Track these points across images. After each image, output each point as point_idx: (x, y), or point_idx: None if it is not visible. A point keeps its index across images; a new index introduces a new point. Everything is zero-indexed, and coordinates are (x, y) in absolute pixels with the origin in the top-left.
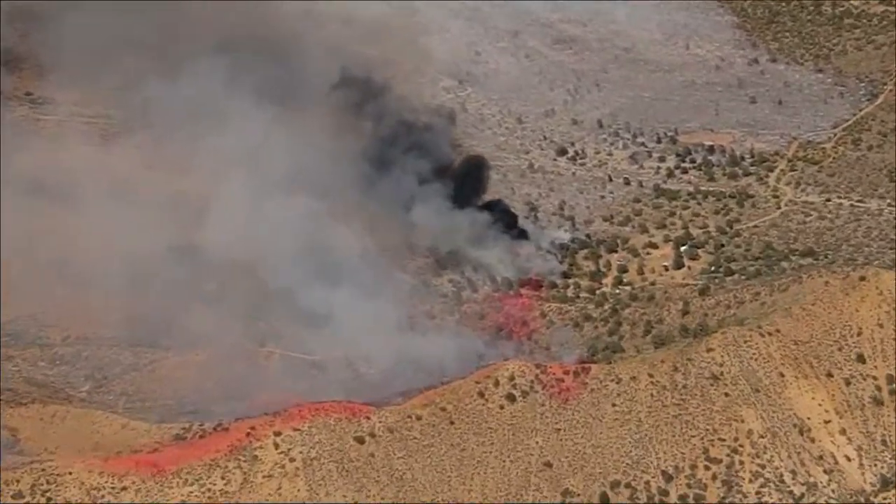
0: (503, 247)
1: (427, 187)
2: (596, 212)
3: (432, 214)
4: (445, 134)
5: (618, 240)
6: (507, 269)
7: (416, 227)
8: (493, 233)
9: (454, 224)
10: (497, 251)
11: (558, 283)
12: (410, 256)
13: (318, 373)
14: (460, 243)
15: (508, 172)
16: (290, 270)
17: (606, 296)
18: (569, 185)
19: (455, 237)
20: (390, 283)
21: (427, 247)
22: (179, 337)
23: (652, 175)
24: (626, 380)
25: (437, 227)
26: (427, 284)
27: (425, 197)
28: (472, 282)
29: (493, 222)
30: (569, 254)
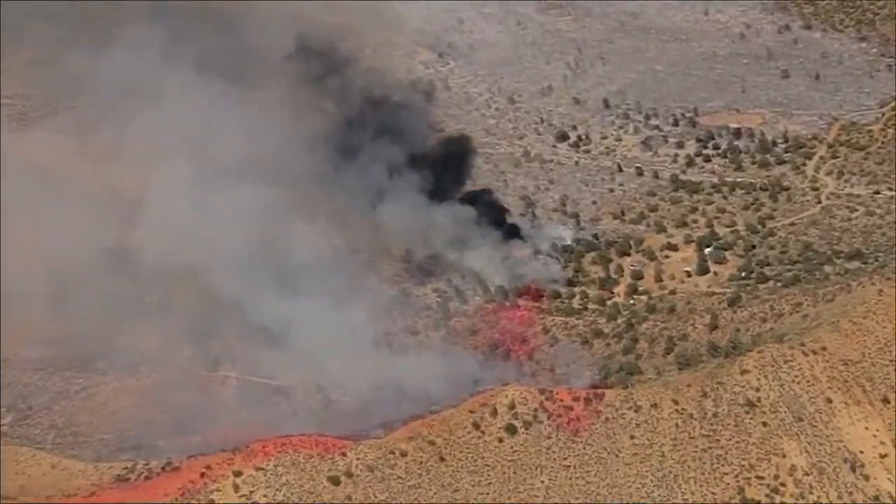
0: (492, 248)
1: (401, 178)
2: (604, 208)
3: (406, 211)
4: (423, 115)
5: (630, 241)
6: (501, 275)
7: (390, 225)
8: (480, 231)
9: (432, 221)
10: (485, 254)
11: (562, 293)
12: (386, 261)
13: (283, 400)
14: (441, 245)
15: (500, 161)
16: (244, 278)
17: (619, 307)
18: (571, 175)
19: (435, 237)
20: (363, 292)
21: (404, 249)
22: (117, 358)
23: (668, 164)
24: (645, 407)
25: (412, 226)
26: (407, 294)
27: (398, 190)
28: (460, 291)
29: (478, 218)
30: (573, 257)
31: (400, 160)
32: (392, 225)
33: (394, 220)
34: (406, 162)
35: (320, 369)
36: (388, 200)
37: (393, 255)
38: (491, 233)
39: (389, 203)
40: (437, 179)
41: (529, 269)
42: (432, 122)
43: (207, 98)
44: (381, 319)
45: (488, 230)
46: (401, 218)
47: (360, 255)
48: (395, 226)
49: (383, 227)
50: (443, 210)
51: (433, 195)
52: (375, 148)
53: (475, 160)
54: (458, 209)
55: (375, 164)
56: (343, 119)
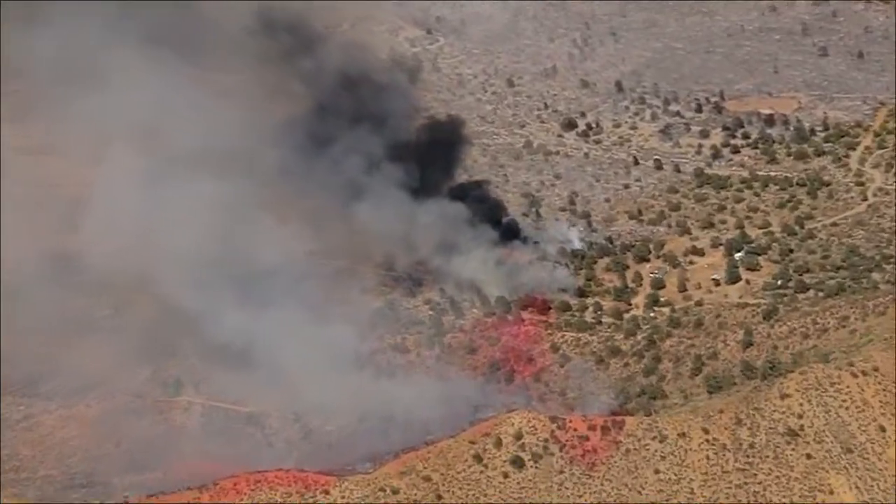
0: (491, 253)
1: (382, 171)
2: (618, 206)
3: (389, 209)
4: (407, 99)
5: (649, 245)
6: (502, 284)
7: (370, 226)
8: (475, 233)
9: (419, 221)
10: (483, 260)
11: (572, 305)
12: (367, 267)
13: (256, 430)
14: (430, 249)
15: (498, 153)
16: (205, 287)
17: (638, 321)
18: (580, 170)
19: (423, 240)
20: (343, 304)
21: (388, 254)
22: (63, 382)
23: (692, 156)
24: (672, 437)
25: (396, 227)
26: (394, 307)
27: (379, 185)
28: (455, 303)
29: (473, 218)
30: (584, 264)
31: (381, 151)
32: (373, 226)
33: (375, 221)
34: (388, 153)
35: (297, 394)
36: (368, 197)
37: (375, 260)
38: (488, 235)
39: (369, 200)
40: (424, 173)
41: (534, 278)
42: (418, 107)
43: (159, 79)
44: (366, 336)
45: (485, 231)
46: (383, 218)
47: (338, 261)
48: (376, 227)
49: (363, 228)
50: (431, 208)
51: (420, 191)
52: (353, 137)
53: (469, 151)
54: (449, 207)
55: (353, 156)
56: (315, 104)
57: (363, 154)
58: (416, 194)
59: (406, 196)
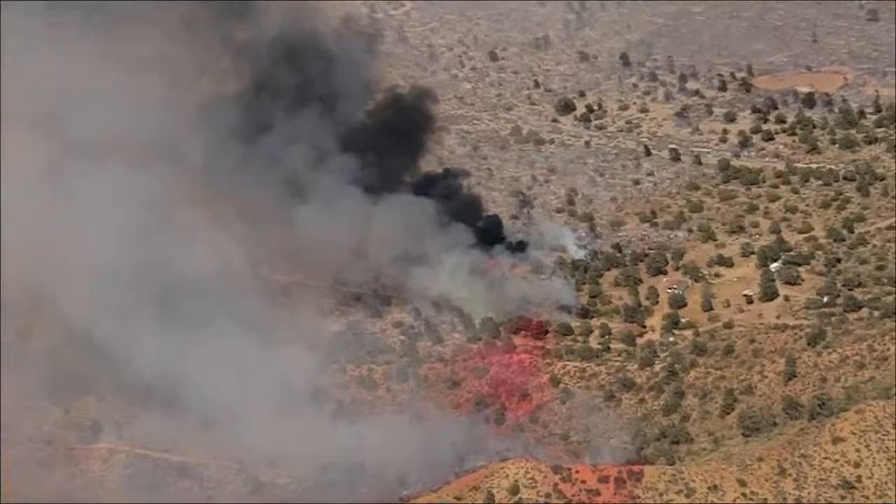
0: (471, 263)
1: (332, 163)
2: (628, 207)
3: (344, 209)
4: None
5: (666, 253)
6: (489, 303)
7: (322, 231)
8: (446, 237)
9: (376, 223)
10: (456, 269)
11: (574, 327)
12: (321, 282)
13: (193, 484)
14: (390, 258)
15: (480, 142)
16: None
17: (655, 348)
18: (580, 162)
19: (382, 247)
20: (295, 328)
21: (346, 265)
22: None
23: (715, 144)
24: (701, 490)
25: (350, 231)
26: (357, 332)
27: (330, 179)
28: (431, 326)
29: (443, 217)
30: (588, 277)
31: (331, 138)
32: (323, 231)
33: (325, 225)
34: (340, 141)
35: (241, 439)
36: (316, 196)
37: (331, 273)
38: (464, 239)
39: (318, 199)
40: (383, 164)
41: (527, 295)
42: (378, 85)
43: (61, 52)
44: (323, 367)
45: (460, 235)
46: (334, 220)
47: (286, 274)
48: (326, 232)
49: (313, 233)
50: (393, 207)
51: (379, 187)
52: (297, 121)
53: (443, 138)
54: (415, 205)
55: (297, 145)
56: (251, 81)
57: (309, 142)
58: (374, 191)
59: (362, 193)
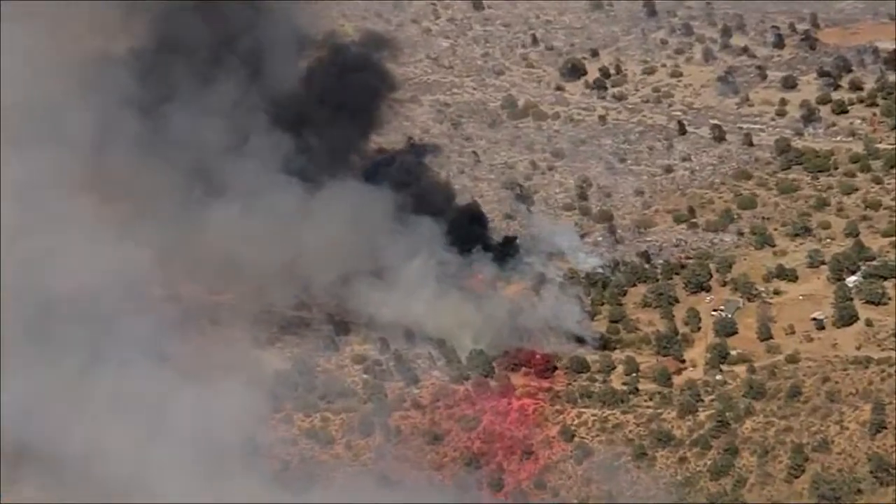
0: (450, 276)
1: (256, 142)
2: (657, 202)
3: (266, 205)
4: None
5: (710, 263)
6: (477, 330)
7: (251, 235)
8: (412, 238)
9: (315, 220)
10: (426, 282)
11: (590, 362)
12: (260, 303)
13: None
14: (337, 270)
15: (462, 116)
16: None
17: (699, 389)
18: (595, 142)
19: (325, 253)
20: (224, 366)
21: (286, 281)
22: None
23: (771, 119)
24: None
25: (282, 233)
26: (306, 369)
27: (251, 165)
28: (403, 361)
29: (405, 211)
30: (608, 295)
31: (256, 111)
32: (249, 234)
33: (251, 226)
34: (268, 113)
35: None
36: (238, 187)
37: (268, 292)
38: (436, 240)
39: (240, 192)
40: (324, 142)
41: (529, 319)
42: (317, 39)
43: None
44: (263, 417)
45: (430, 234)
46: (264, 220)
47: (208, 293)
48: (253, 235)
49: (234, 237)
50: (336, 199)
51: (319, 173)
52: (210, 89)
53: (412, 112)
54: (365, 196)
55: (210, 120)
56: (151, 36)
57: (227, 116)
58: (313, 181)
59: (297, 184)
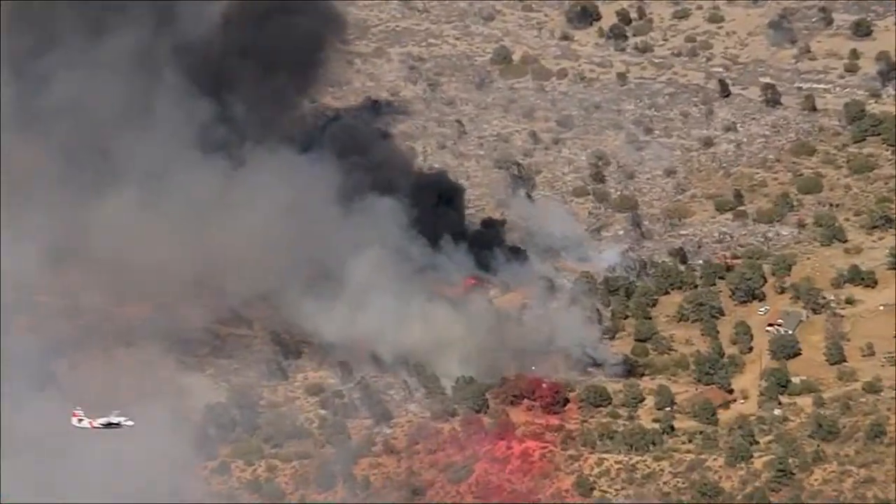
0: (411, 273)
1: (161, 108)
2: (694, 184)
3: (177, 188)
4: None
5: (761, 262)
6: (464, 352)
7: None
8: (369, 226)
9: (236, 208)
10: (397, 287)
11: (610, 391)
12: (186, 315)
13: None
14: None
15: (443, 75)
16: None
17: (752, 428)
18: (613, 108)
19: (253, 248)
20: (140, 396)
21: (220, 291)
22: None
23: (839, 76)
24: None
25: (200, 224)
26: (247, 402)
27: (153, 137)
28: (372, 392)
29: (357, 192)
30: (633, 306)
31: (161, 67)
32: (163, 229)
33: (164, 218)
34: (180, 70)
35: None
36: (139, 166)
37: (190, 302)
38: (400, 232)
39: (141, 172)
40: (251, 104)
41: (530, 336)
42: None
43: None
44: (191, 464)
45: (402, 227)
46: (175, 208)
47: (106, 305)
48: (169, 230)
49: (143, 233)
50: (265, 175)
51: (242, 143)
52: (102, 40)
53: (376, 68)
54: (304, 171)
55: (98, 81)
56: None
57: (124, 74)
58: (235, 154)
59: (217, 159)
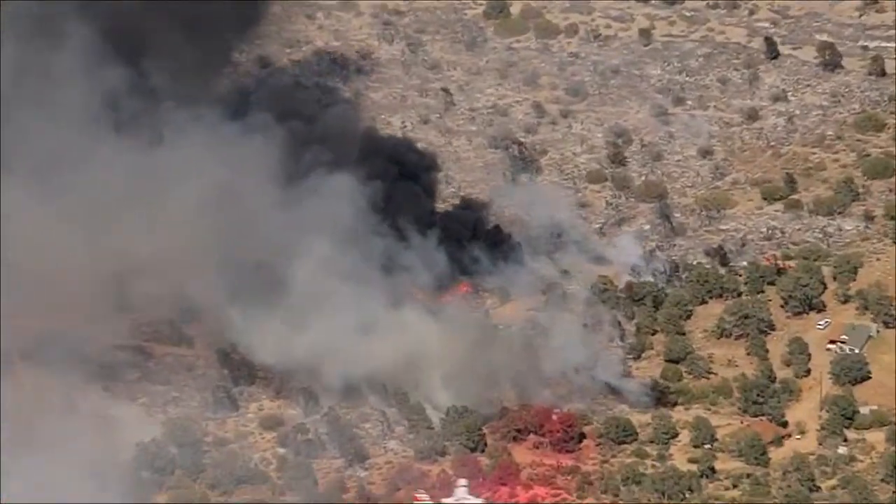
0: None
1: (67, 75)
2: (736, 165)
3: (94, 177)
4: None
5: (819, 264)
6: (454, 373)
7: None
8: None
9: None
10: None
11: (635, 426)
12: (108, 333)
13: None
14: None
15: (424, 32)
16: None
17: (812, 469)
18: (634, 71)
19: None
20: (51, 430)
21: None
22: None
23: None
24: None
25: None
26: (188, 439)
27: (58, 116)
28: (343, 426)
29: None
30: (664, 317)
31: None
32: (63, 226)
33: (64, 212)
34: (100, 35)
35: None
36: (36, 151)
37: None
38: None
39: (38, 157)
40: (175, 65)
41: (537, 356)
42: None
43: None
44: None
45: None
46: (85, 202)
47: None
48: (70, 227)
49: (38, 232)
50: (204, 150)
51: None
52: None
53: (338, 18)
54: (257, 144)
55: None
56: None
57: (14, 36)
58: (152, 127)
59: (125, 139)
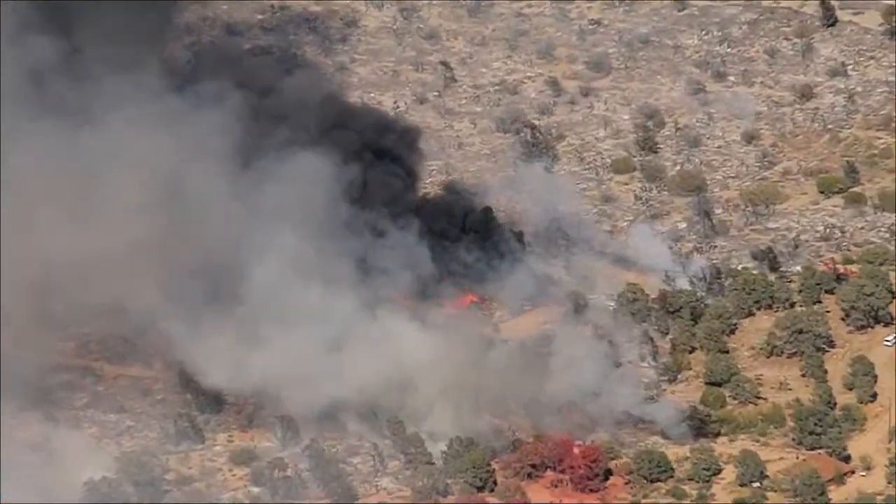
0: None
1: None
2: (786, 153)
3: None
4: None
5: (882, 266)
6: (456, 399)
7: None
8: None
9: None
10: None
11: (670, 460)
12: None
13: None
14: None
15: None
16: None
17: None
18: (666, 40)
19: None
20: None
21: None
22: None
23: None
24: None
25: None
26: (146, 476)
27: None
28: (328, 461)
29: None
30: (701, 332)
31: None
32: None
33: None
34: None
35: None
36: None
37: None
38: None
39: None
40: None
41: (554, 380)
42: None
43: None
44: None
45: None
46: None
47: None
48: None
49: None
50: (146, 128)
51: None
52: None
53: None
54: (208, 118)
55: None
56: None
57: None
58: (79, 107)
59: (58, 114)
